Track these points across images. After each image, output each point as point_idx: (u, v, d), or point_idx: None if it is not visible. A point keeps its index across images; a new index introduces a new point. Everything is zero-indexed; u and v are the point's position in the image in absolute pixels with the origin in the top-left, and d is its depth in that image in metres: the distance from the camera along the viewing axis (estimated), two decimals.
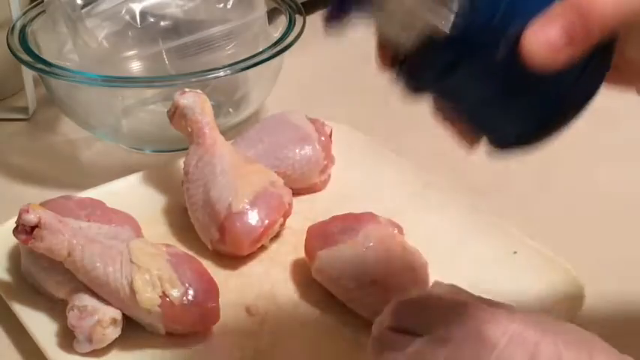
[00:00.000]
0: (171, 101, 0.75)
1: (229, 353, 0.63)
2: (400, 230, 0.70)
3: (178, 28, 0.86)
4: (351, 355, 0.63)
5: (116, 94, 0.87)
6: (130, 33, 0.86)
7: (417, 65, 0.47)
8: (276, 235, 0.73)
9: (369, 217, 0.70)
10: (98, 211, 0.71)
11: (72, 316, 0.62)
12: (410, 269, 0.66)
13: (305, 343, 0.63)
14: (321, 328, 0.65)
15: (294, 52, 0.85)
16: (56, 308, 0.65)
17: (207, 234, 0.72)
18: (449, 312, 0.53)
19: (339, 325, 0.65)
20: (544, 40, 0.45)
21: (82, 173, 0.85)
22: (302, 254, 0.70)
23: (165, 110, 0.76)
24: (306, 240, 0.69)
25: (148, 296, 0.62)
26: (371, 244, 0.66)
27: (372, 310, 0.64)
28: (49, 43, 0.87)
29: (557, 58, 0.46)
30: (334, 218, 0.71)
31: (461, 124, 0.53)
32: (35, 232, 0.62)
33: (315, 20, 1.06)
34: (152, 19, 0.86)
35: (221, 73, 0.80)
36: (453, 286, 0.58)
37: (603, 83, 0.49)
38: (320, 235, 0.69)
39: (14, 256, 0.69)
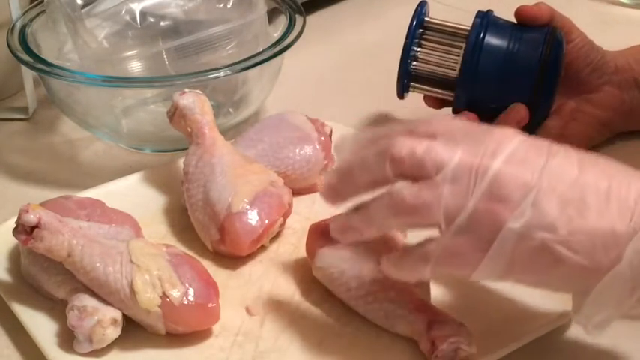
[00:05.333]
0: (171, 101, 0.76)
1: (229, 353, 0.63)
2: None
3: (178, 28, 0.86)
4: (351, 354, 0.63)
5: (116, 94, 0.87)
6: (130, 33, 0.86)
7: None
8: (276, 235, 0.73)
9: None
10: (98, 211, 0.71)
11: (72, 316, 0.62)
12: None
13: (305, 343, 0.63)
14: (322, 327, 0.65)
15: (294, 52, 0.85)
16: (56, 308, 0.65)
17: (207, 234, 0.72)
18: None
19: (339, 325, 0.65)
20: None
21: (82, 173, 0.85)
22: (302, 254, 0.70)
23: (165, 110, 0.76)
24: (307, 237, 0.69)
25: (148, 296, 0.62)
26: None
27: (372, 310, 0.64)
28: (49, 43, 0.87)
29: None
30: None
31: None
32: (35, 232, 0.62)
33: (315, 20, 1.07)
34: (152, 19, 0.86)
35: (221, 73, 0.80)
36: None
37: None
38: (321, 233, 0.69)
39: (14, 256, 0.69)
